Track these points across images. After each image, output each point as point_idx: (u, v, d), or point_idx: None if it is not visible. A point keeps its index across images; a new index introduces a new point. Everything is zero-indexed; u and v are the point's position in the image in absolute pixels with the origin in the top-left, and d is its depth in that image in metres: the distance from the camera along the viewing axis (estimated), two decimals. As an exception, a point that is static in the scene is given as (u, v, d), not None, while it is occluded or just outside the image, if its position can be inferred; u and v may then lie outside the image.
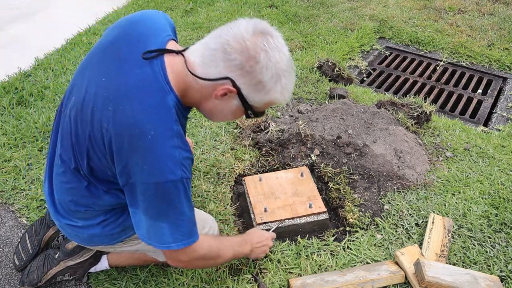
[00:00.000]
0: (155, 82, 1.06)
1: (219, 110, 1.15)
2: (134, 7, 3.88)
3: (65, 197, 1.27)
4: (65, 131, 1.20)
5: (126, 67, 1.08)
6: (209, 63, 1.05)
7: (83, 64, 1.22)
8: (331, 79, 2.92)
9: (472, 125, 2.65)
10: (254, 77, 1.05)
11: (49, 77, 2.83)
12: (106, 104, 1.06)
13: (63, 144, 1.21)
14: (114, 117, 1.05)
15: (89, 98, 1.11)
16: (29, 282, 1.55)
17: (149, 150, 1.03)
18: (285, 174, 2.02)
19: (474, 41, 3.42)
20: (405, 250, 1.65)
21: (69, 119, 1.17)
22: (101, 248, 1.47)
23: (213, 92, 1.09)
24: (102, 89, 1.09)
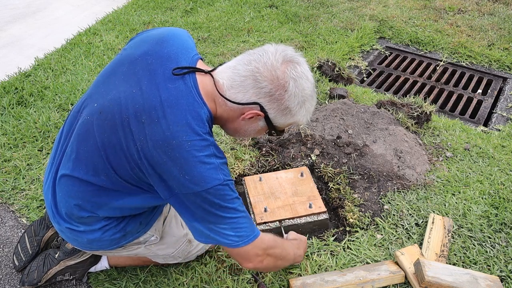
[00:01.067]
0: (189, 96, 1.10)
1: (244, 130, 1.21)
2: (134, 7, 3.88)
3: (70, 201, 1.24)
4: (84, 137, 1.18)
5: (159, 81, 1.11)
6: (238, 88, 1.11)
7: (108, 72, 1.23)
8: (331, 79, 2.92)
9: (472, 125, 2.65)
10: (282, 104, 1.11)
11: (49, 77, 2.83)
12: (139, 116, 1.08)
13: (79, 149, 1.19)
14: (149, 130, 1.07)
15: (119, 108, 1.11)
16: (29, 282, 1.55)
17: (187, 161, 1.06)
18: (285, 174, 2.02)
19: (474, 41, 3.42)
20: (405, 250, 1.65)
21: (92, 126, 1.16)
22: (100, 252, 1.46)
23: (240, 114, 1.15)
24: (133, 100, 1.10)
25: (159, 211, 1.44)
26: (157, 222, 1.43)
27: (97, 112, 1.16)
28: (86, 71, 2.88)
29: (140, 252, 1.46)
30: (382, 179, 2.03)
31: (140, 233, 1.38)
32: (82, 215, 1.25)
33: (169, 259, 1.56)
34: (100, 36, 3.35)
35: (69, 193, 1.24)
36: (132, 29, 3.46)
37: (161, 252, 1.49)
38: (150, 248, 1.46)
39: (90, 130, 1.16)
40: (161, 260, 1.57)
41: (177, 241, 1.51)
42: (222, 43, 3.32)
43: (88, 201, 1.22)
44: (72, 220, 1.28)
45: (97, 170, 1.16)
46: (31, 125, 2.37)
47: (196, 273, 1.63)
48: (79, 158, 1.19)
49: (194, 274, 1.63)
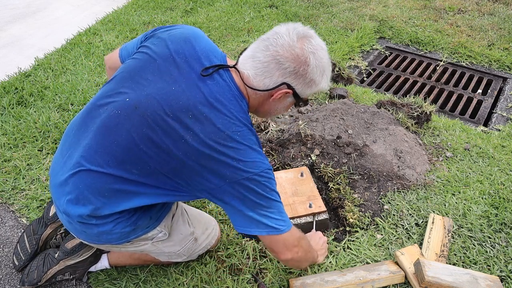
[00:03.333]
0: (230, 91, 1.17)
1: (274, 109, 1.29)
2: (134, 7, 3.88)
3: (91, 195, 1.22)
4: (114, 131, 1.18)
5: (197, 78, 1.16)
6: (263, 74, 1.18)
7: (135, 68, 1.24)
8: (331, 79, 2.92)
9: (472, 125, 2.65)
10: (307, 78, 1.19)
11: (49, 77, 2.83)
12: (185, 112, 1.12)
13: (108, 142, 1.18)
14: (199, 125, 1.12)
15: (159, 104, 1.14)
16: (29, 282, 1.55)
17: (240, 148, 1.14)
18: (285, 174, 2.02)
19: (474, 41, 3.42)
20: (405, 250, 1.65)
21: (125, 120, 1.16)
22: (106, 246, 1.44)
23: (270, 96, 1.23)
24: (176, 97, 1.14)
25: (168, 207, 1.45)
26: (166, 218, 1.44)
27: (132, 106, 1.17)
28: (86, 71, 2.88)
29: (147, 248, 1.45)
30: (382, 179, 2.03)
31: (150, 228, 1.38)
32: (100, 211, 1.24)
33: (173, 256, 1.55)
34: (100, 36, 3.35)
35: (93, 186, 1.22)
36: (132, 29, 3.46)
37: (167, 249, 1.49)
38: (157, 245, 1.46)
39: (122, 124, 1.17)
40: (165, 258, 1.56)
41: (184, 239, 1.52)
42: (222, 43, 3.32)
43: (112, 196, 1.22)
44: (92, 213, 1.26)
45: (130, 164, 1.17)
46: (31, 125, 2.37)
47: (196, 273, 1.63)
48: (108, 152, 1.18)
49: (194, 274, 1.63)
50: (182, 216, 1.54)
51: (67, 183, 1.25)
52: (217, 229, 1.67)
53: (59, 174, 1.29)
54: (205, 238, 1.61)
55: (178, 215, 1.52)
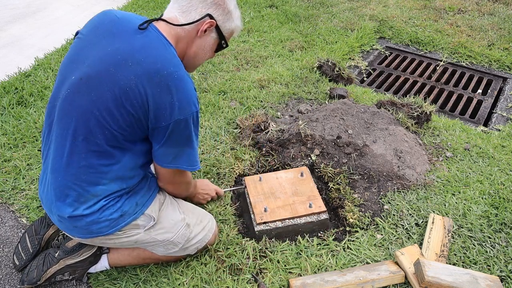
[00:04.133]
0: (159, 40, 1.29)
1: (202, 48, 1.42)
2: (134, 7, 3.88)
3: (78, 176, 1.31)
4: (69, 111, 1.28)
5: (126, 36, 1.28)
6: (189, 9, 1.35)
7: (70, 55, 1.35)
8: (331, 79, 2.92)
9: (472, 125, 2.65)
10: (224, 8, 1.38)
11: (49, 77, 2.83)
12: (123, 62, 1.23)
13: (75, 123, 1.27)
14: (139, 68, 1.22)
15: (100, 66, 1.25)
16: (29, 281, 1.55)
17: (179, 88, 1.25)
18: (285, 174, 2.02)
19: (474, 41, 3.42)
20: (405, 250, 1.65)
21: (75, 95, 1.27)
22: (100, 240, 1.46)
23: (197, 31, 1.37)
24: (111, 55, 1.24)
25: (154, 194, 1.51)
26: (153, 204, 1.49)
27: (77, 79, 1.27)
28: (86, 71, 2.88)
29: (140, 238, 1.48)
30: (382, 179, 2.03)
31: (138, 214, 1.43)
32: (86, 190, 1.32)
33: (169, 247, 1.56)
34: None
35: (74, 170, 1.31)
36: (132, 29, 3.46)
37: (160, 237, 1.51)
38: (150, 233, 1.49)
39: (74, 100, 1.27)
40: (162, 250, 1.57)
41: (175, 225, 1.54)
42: (222, 43, 3.32)
43: (95, 171, 1.31)
44: (73, 201, 1.33)
45: (94, 134, 1.27)
46: (31, 125, 2.37)
47: (196, 273, 1.63)
48: (78, 132, 1.27)
49: (194, 274, 1.63)
50: (172, 204, 1.59)
51: (48, 185, 1.37)
52: (213, 223, 1.68)
53: (44, 180, 1.41)
54: (200, 229, 1.62)
55: (167, 203, 1.57)
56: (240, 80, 2.84)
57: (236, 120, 2.43)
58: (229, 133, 2.36)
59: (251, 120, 2.35)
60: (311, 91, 2.74)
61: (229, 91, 2.73)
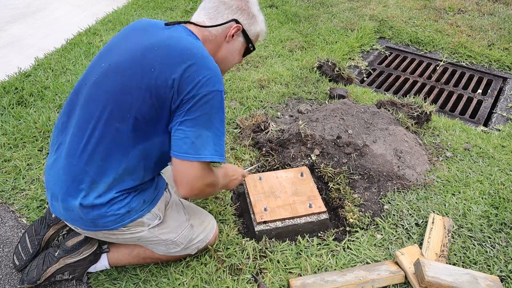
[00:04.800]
0: (187, 34, 1.37)
1: (230, 52, 1.48)
2: (134, 7, 3.88)
3: (95, 162, 1.31)
4: (103, 92, 1.31)
5: (155, 31, 1.37)
6: (216, 16, 1.42)
7: (100, 52, 1.43)
8: (331, 79, 2.92)
9: (472, 125, 2.65)
10: (249, 12, 1.45)
11: (49, 77, 2.83)
12: (150, 47, 1.30)
13: (101, 108, 1.30)
14: (164, 50, 1.29)
15: (128, 55, 1.31)
16: (29, 280, 1.55)
17: (203, 64, 1.28)
18: (285, 174, 2.02)
19: (474, 41, 3.43)
20: (405, 250, 1.65)
21: (102, 81, 1.32)
22: (104, 234, 1.46)
23: (225, 36, 1.44)
24: (139, 44, 1.32)
25: (161, 192, 1.51)
26: (160, 203, 1.49)
27: (106, 66, 1.34)
28: (86, 71, 2.88)
29: (143, 236, 1.48)
30: (382, 179, 2.03)
31: (144, 212, 1.43)
32: (103, 178, 1.33)
33: (171, 246, 1.56)
34: (100, 36, 3.35)
35: (92, 156, 1.32)
36: (132, 29, 3.46)
37: (164, 236, 1.51)
38: (153, 232, 1.49)
39: (102, 85, 1.32)
40: (163, 249, 1.57)
41: (179, 225, 1.55)
42: (222, 43, 3.32)
43: (112, 159, 1.32)
44: (86, 187, 1.33)
45: (117, 119, 1.29)
46: (31, 125, 2.37)
47: (196, 273, 1.63)
48: (95, 118, 1.30)
49: (194, 274, 1.63)
50: (177, 205, 1.59)
51: (62, 169, 1.36)
52: (214, 224, 1.68)
53: (56, 165, 1.40)
54: (201, 230, 1.63)
55: (172, 203, 1.57)
56: (240, 80, 2.84)
57: (236, 120, 2.43)
58: (229, 133, 2.36)
59: (251, 120, 2.35)
60: (311, 91, 2.74)
61: (229, 91, 2.73)
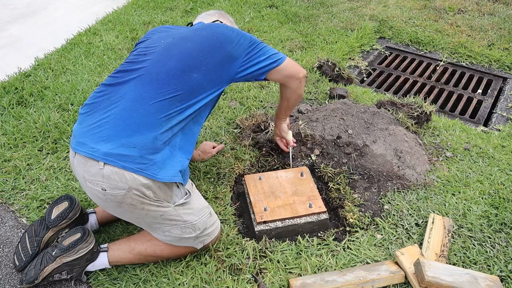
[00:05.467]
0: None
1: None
2: (134, 7, 3.88)
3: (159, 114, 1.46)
4: (178, 51, 1.53)
5: (187, 28, 1.70)
6: (205, 19, 1.80)
7: (144, 45, 1.62)
8: (331, 79, 2.92)
9: (472, 125, 2.65)
10: (228, 18, 1.86)
11: (49, 77, 2.83)
12: (200, 28, 1.64)
13: (175, 62, 1.51)
14: (210, 28, 1.61)
15: (184, 34, 1.60)
16: (27, 280, 1.55)
17: (237, 30, 1.64)
18: (285, 174, 2.02)
19: (474, 41, 3.42)
20: (405, 250, 1.65)
21: (181, 40, 1.56)
22: (131, 199, 1.43)
23: None
24: (187, 31, 1.63)
25: (188, 176, 1.61)
26: (189, 182, 1.62)
27: (170, 40, 1.58)
28: (86, 71, 2.88)
29: (167, 212, 1.51)
30: (382, 179, 2.03)
31: (185, 181, 1.55)
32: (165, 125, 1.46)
33: (187, 230, 1.57)
34: (100, 36, 3.35)
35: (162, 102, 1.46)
36: (132, 29, 3.46)
37: (186, 217, 1.54)
38: (178, 210, 1.53)
39: (175, 46, 1.55)
40: (177, 233, 1.57)
41: (201, 209, 1.61)
42: (222, 43, 3.32)
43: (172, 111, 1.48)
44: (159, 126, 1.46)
45: (194, 68, 1.51)
46: (31, 125, 2.37)
47: (196, 273, 1.63)
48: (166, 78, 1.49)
49: (194, 274, 1.63)
50: (197, 192, 1.68)
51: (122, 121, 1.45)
52: (219, 221, 1.73)
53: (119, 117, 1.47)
54: (214, 221, 1.68)
55: (194, 190, 1.65)
56: (240, 80, 2.84)
57: (236, 120, 2.43)
58: (229, 133, 2.36)
59: (251, 120, 2.35)
60: (311, 91, 2.74)
61: (229, 91, 2.73)
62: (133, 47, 1.82)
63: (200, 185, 2.01)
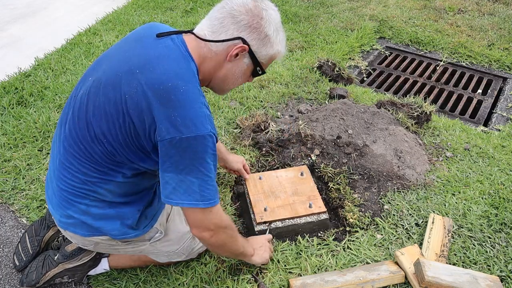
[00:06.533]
0: (178, 51, 1.17)
1: (232, 73, 1.26)
2: (134, 7, 3.88)
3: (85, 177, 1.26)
4: (91, 107, 1.20)
5: (148, 42, 1.20)
6: (219, 30, 1.19)
7: (99, 59, 1.30)
8: (331, 79, 2.92)
9: (472, 125, 2.65)
10: (261, 32, 1.20)
11: (49, 77, 2.83)
12: (133, 69, 1.14)
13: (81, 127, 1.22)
14: (143, 77, 1.12)
15: (113, 71, 1.18)
16: (28, 283, 1.55)
17: (182, 103, 1.10)
18: (285, 173, 2.02)
19: (474, 41, 3.42)
20: (405, 250, 1.65)
21: (86, 96, 1.21)
22: (104, 246, 1.43)
23: (226, 55, 1.21)
24: (126, 60, 1.17)
25: (161, 205, 1.46)
26: (161, 217, 1.46)
27: (91, 82, 1.22)
28: (86, 71, 2.88)
29: (145, 249, 1.47)
30: (382, 179, 2.03)
31: (147, 228, 1.40)
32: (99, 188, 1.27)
33: (173, 256, 1.56)
34: (100, 36, 3.35)
35: (83, 170, 1.25)
36: (132, 29, 3.46)
37: (166, 248, 1.50)
38: (155, 245, 1.47)
39: (87, 102, 1.21)
40: (164, 259, 1.57)
41: (181, 238, 1.53)
42: (222, 43, 3.32)
43: (97, 170, 1.24)
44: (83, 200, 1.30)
45: (96, 140, 1.19)
46: (31, 125, 2.37)
47: (196, 273, 1.63)
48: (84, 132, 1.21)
49: (194, 274, 1.63)
50: (179, 215, 1.55)
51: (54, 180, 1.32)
52: None
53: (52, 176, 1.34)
54: (198, 241, 1.60)
55: (173, 214, 1.53)
56: (240, 80, 2.84)
57: (236, 120, 2.42)
58: (229, 133, 2.36)
59: (251, 120, 2.35)
60: (311, 91, 2.74)
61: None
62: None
63: (200, 185, 2.00)
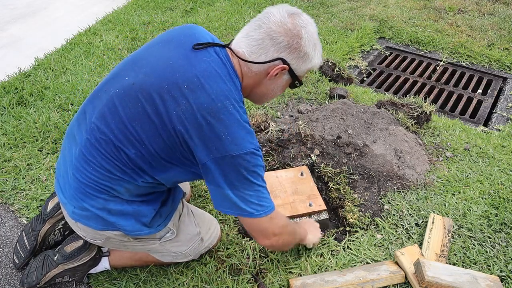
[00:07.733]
0: (225, 69, 1.19)
1: (271, 89, 1.30)
2: (134, 7, 3.88)
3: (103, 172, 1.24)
4: (131, 110, 1.19)
5: (192, 52, 1.19)
6: (258, 51, 1.20)
7: (135, 59, 1.27)
8: (331, 79, 2.92)
9: (472, 125, 2.65)
10: (301, 51, 1.22)
11: (49, 77, 2.83)
12: (180, 83, 1.14)
13: (111, 121, 1.21)
14: (193, 95, 1.13)
15: (156, 78, 1.17)
16: (28, 283, 1.55)
17: (231, 123, 1.14)
18: (285, 173, 2.02)
19: (474, 41, 3.42)
20: (405, 250, 1.65)
21: (123, 97, 1.19)
22: (114, 241, 1.41)
23: (266, 74, 1.24)
24: (170, 70, 1.17)
25: (176, 205, 1.47)
26: (174, 217, 1.47)
27: (130, 83, 1.20)
28: (86, 71, 2.88)
29: (154, 248, 1.47)
30: (382, 179, 2.03)
31: (161, 227, 1.40)
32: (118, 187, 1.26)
33: (179, 257, 1.56)
34: (100, 36, 3.35)
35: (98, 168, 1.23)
36: (132, 29, 3.46)
37: (174, 249, 1.51)
38: (165, 245, 1.48)
39: (127, 100, 1.19)
40: (168, 259, 1.57)
41: (191, 239, 1.54)
42: (222, 43, 3.32)
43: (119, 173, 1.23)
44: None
45: (131, 142, 1.19)
46: (31, 125, 2.37)
47: (196, 273, 1.63)
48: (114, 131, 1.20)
49: (194, 274, 1.63)
50: (189, 216, 1.56)
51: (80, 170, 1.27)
52: (218, 228, 1.69)
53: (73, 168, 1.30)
54: (208, 237, 1.62)
55: (184, 215, 1.54)
56: (240, 80, 2.84)
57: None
58: (229, 133, 2.36)
59: (251, 120, 2.35)
60: (311, 91, 2.74)
61: (229, 91, 2.73)
62: (133, 47, 1.52)
63: (200, 185, 2.01)
